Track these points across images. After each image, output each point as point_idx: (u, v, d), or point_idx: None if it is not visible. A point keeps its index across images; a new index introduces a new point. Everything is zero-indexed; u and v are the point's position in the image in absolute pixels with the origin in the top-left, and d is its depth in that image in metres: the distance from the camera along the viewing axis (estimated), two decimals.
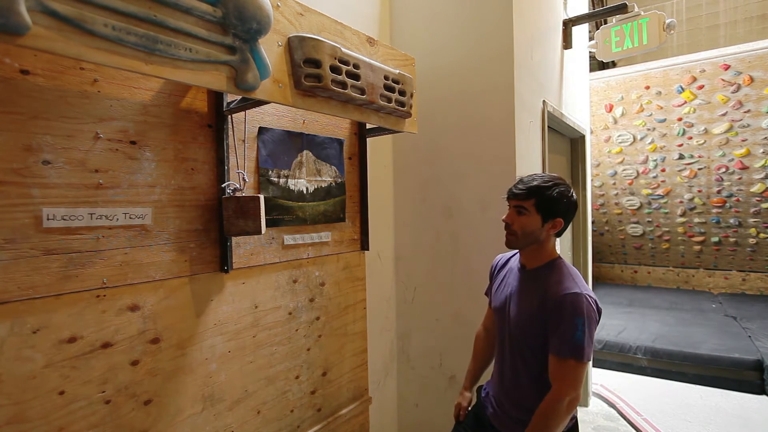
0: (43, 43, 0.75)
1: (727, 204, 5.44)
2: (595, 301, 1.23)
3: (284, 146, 1.59)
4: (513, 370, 1.36)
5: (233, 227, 1.31)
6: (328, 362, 1.79)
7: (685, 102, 5.15)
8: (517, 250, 1.43)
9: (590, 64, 3.51)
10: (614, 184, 6.00)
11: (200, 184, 1.32)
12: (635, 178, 5.81)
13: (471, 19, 2.02)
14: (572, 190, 1.32)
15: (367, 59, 1.40)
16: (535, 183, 1.29)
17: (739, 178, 5.23)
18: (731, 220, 5.54)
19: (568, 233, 3.14)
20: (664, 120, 5.34)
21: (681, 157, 5.44)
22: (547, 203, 1.27)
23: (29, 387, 0.99)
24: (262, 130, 1.51)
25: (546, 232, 1.30)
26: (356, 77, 1.34)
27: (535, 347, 1.27)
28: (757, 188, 5.19)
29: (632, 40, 2.69)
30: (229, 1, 0.99)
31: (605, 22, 4.53)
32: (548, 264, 1.32)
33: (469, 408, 1.56)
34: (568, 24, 2.64)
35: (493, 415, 1.42)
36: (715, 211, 5.56)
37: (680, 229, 5.93)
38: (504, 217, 1.35)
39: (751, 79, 4.75)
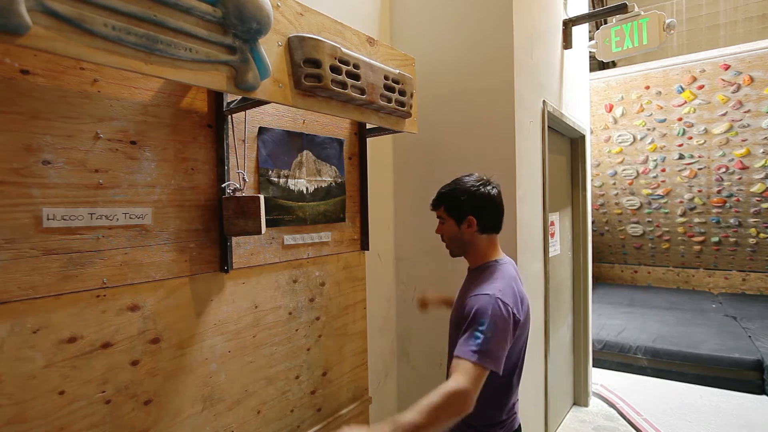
0: (43, 43, 0.75)
1: (727, 204, 5.44)
2: (512, 309, 1.14)
3: (284, 146, 1.59)
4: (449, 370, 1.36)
5: (233, 227, 1.31)
6: (328, 362, 1.79)
7: (685, 102, 5.15)
8: None
9: (590, 64, 3.51)
10: (614, 184, 6.00)
11: (200, 184, 1.32)
12: (635, 178, 5.81)
13: (471, 18, 2.02)
14: (480, 183, 1.27)
15: (367, 59, 1.40)
16: (443, 189, 1.31)
17: (739, 178, 5.22)
18: (731, 220, 5.54)
19: (567, 232, 3.13)
20: (664, 120, 5.34)
21: (681, 157, 5.44)
22: (453, 205, 1.27)
23: (29, 387, 0.99)
24: (262, 130, 1.51)
25: (465, 233, 1.27)
26: (356, 77, 1.34)
27: None
28: (757, 188, 5.19)
29: (632, 40, 2.69)
30: (229, 1, 0.99)
31: (605, 22, 4.53)
32: (482, 266, 1.29)
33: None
34: (568, 24, 2.64)
35: None
36: (715, 211, 5.56)
37: (680, 229, 5.93)
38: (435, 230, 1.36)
39: (751, 79, 4.74)
